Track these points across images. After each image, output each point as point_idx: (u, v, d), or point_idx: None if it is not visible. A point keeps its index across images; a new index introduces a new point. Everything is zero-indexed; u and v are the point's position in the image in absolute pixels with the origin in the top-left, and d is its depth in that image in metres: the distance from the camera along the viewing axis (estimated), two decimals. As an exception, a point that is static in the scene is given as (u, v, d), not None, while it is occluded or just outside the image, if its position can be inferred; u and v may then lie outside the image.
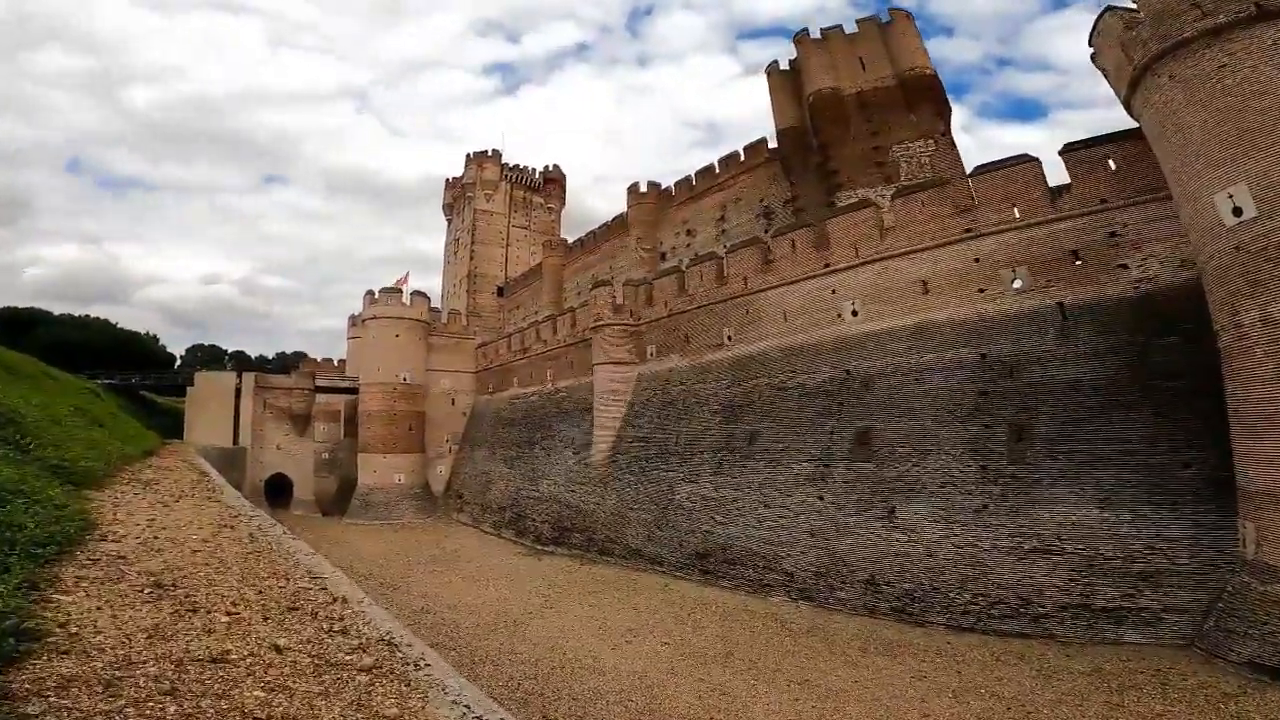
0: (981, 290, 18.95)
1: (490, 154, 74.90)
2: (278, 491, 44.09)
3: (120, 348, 57.03)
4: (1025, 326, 17.79)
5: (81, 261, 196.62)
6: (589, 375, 33.17)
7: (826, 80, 32.77)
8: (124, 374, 46.83)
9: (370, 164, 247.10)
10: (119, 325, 66.16)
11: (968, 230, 19.47)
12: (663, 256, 46.67)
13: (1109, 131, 17.79)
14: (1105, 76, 16.45)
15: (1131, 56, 14.37)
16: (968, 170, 25.32)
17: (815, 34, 34.80)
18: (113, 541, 6.90)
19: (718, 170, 43.74)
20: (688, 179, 46.33)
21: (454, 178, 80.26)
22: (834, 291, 22.60)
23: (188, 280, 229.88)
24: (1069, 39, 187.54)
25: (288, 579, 6.34)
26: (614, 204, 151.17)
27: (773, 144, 39.76)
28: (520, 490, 35.99)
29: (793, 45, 35.72)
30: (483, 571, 26.34)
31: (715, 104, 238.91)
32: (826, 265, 22.89)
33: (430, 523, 41.07)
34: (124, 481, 12.50)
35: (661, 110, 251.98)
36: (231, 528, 8.96)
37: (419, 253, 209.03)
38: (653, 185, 49.57)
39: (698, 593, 20.78)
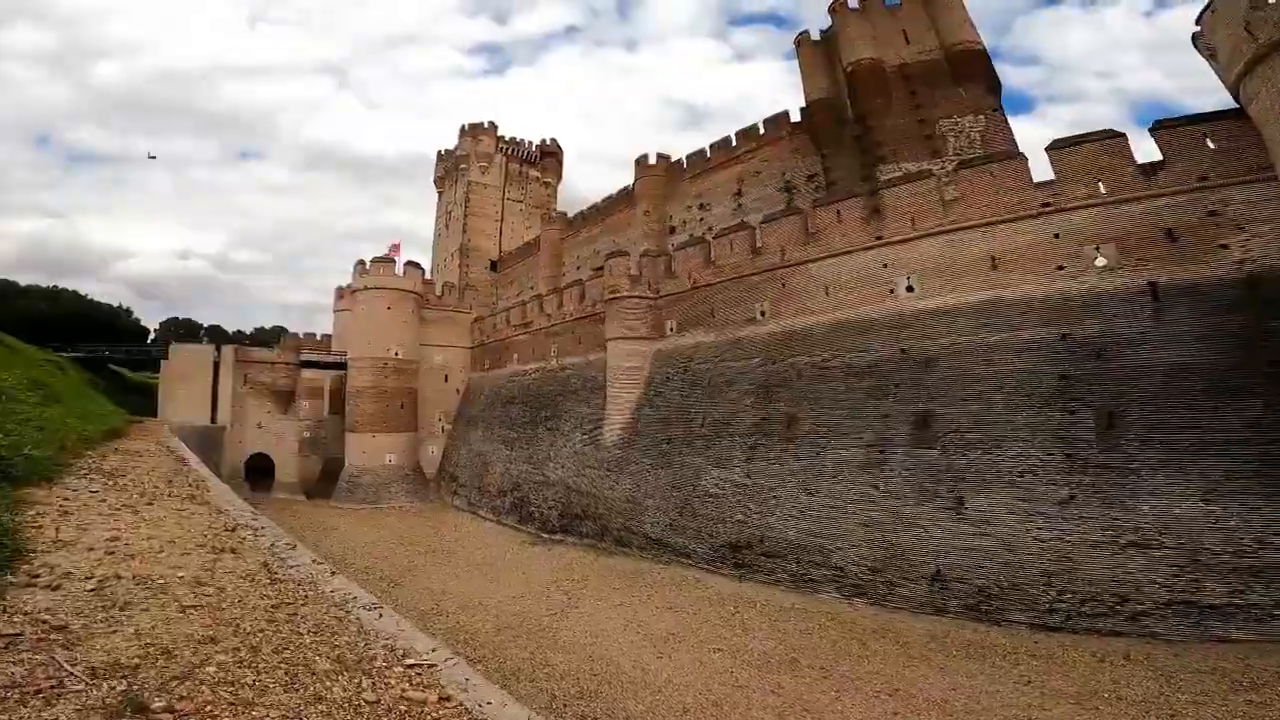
0: (1061, 268, 17.35)
1: (486, 126, 71.61)
2: (259, 473, 41.39)
3: (91, 320, 53.41)
4: (1114, 306, 16.23)
5: (49, 235, 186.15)
6: (599, 351, 31.06)
7: (867, 51, 30.80)
8: (92, 346, 43.47)
9: (350, 140, 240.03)
10: (89, 297, 62.16)
11: (1046, 205, 17.85)
12: (672, 230, 44.43)
13: (1196, 114, 16.86)
14: (1210, 56, 16.11)
15: (1256, 35, 14.00)
16: (1020, 147, 23.89)
17: (853, 3, 32.73)
18: (48, 589, 4.47)
19: (734, 143, 41.53)
20: (701, 151, 43.98)
21: (446, 150, 76.72)
22: (886, 265, 20.83)
23: (160, 255, 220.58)
24: (1059, 34, 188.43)
25: (367, 672, 3.71)
26: (599, 185, 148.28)
27: (795, 117, 37.75)
28: (523, 474, 33.89)
29: (827, 15, 33.61)
30: (490, 563, 24.39)
31: (704, 88, 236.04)
32: (879, 238, 21.08)
33: (423, 507, 38.87)
34: (80, 473, 10.03)
35: (649, 94, 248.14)
36: (233, 551, 6.36)
37: (398, 229, 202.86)
38: (662, 157, 47.14)
39: (734, 589, 19.07)
